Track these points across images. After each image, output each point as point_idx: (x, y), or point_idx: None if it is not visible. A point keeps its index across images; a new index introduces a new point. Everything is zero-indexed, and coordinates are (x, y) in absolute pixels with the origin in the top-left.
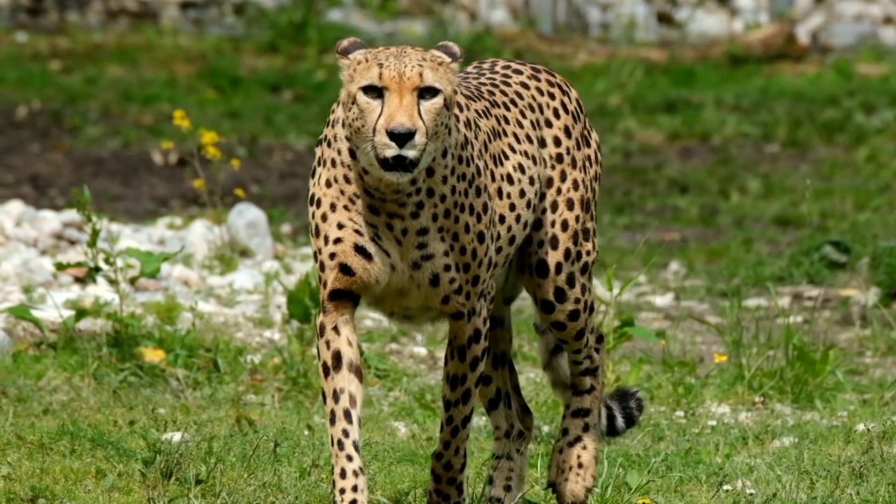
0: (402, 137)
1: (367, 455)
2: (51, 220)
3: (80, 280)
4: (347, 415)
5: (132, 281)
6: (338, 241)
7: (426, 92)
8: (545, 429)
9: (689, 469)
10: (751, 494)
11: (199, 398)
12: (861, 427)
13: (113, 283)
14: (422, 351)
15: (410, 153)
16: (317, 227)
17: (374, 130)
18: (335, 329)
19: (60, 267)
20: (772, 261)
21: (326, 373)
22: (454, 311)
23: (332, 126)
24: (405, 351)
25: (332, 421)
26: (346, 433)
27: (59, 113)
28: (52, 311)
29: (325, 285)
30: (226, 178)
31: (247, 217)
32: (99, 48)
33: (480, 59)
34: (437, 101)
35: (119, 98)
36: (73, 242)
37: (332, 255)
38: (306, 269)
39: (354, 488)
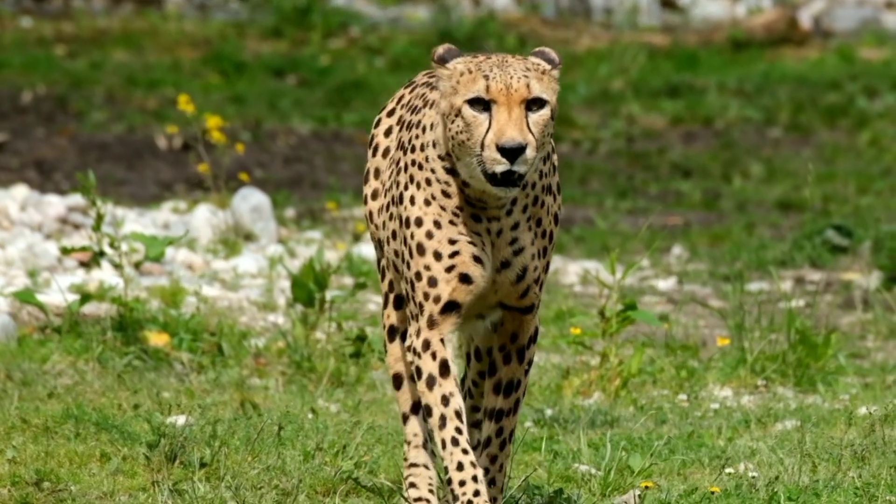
0: (513, 153)
1: (370, 438)
2: (56, 204)
3: (84, 264)
4: (458, 415)
5: (137, 265)
6: (454, 254)
7: (533, 104)
8: (548, 412)
9: (691, 452)
10: (753, 477)
11: (204, 382)
12: (863, 410)
13: (117, 267)
14: None
15: (521, 168)
16: (420, 245)
17: (483, 145)
18: (442, 342)
19: (65, 251)
20: (774, 245)
21: (432, 383)
22: (528, 305)
23: (422, 150)
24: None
25: (443, 424)
26: (458, 430)
27: (64, 98)
28: (57, 295)
29: (437, 300)
30: (230, 162)
31: (251, 201)
32: (104, 33)
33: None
34: (545, 112)
35: (124, 83)
36: (77, 227)
37: (450, 269)
38: (310, 252)
39: (475, 478)
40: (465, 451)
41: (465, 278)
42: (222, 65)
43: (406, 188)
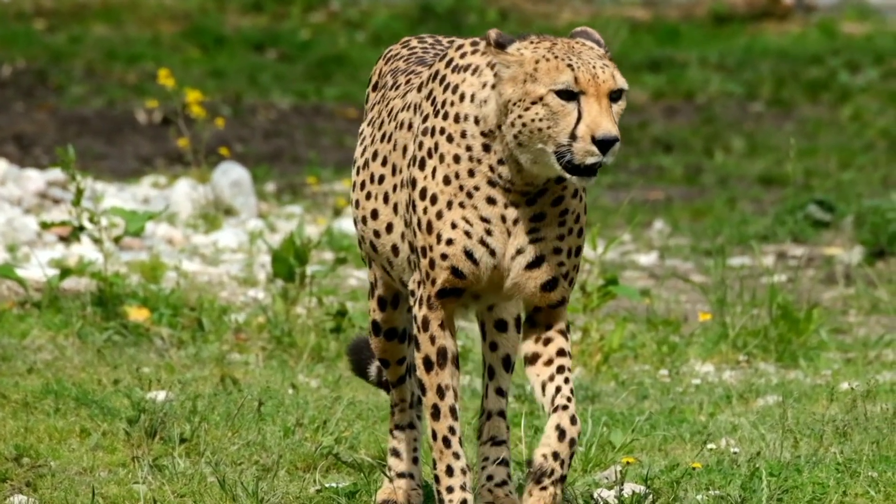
0: (608, 145)
1: (351, 414)
2: (35, 178)
3: (64, 239)
4: (453, 411)
5: (116, 240)
6: (450, 242)
7: (616, 94)
8: (529, 387)
9: (673, 428)
10: (735, 453)
11: (184, 357)
12: (845, 386)
13: (97, 241)
14: None
15: (609, 160)
16: (429, 224)
17: (574, 136)
18: (441, 325)
19: (45, 226)
20: (756, 219)
21: (429, 367)
22: (557, 300)
23: (457, 121)
24: None
25: (437, 416)
26: (452, 430)
27: (44, 72)
28: (37, 269)
29: (433, 282)
30: (210, 136)
31: (231, 176)
32: (83, 7)
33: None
34: (623, 103)
35: (103, 57)
36: (57, 201)
37: (444, 256)
38: (290, 227)
39: (463, 486)
40: (456, 455)
41: (455, 271)
42: (202, 39)
43: (430, 155)
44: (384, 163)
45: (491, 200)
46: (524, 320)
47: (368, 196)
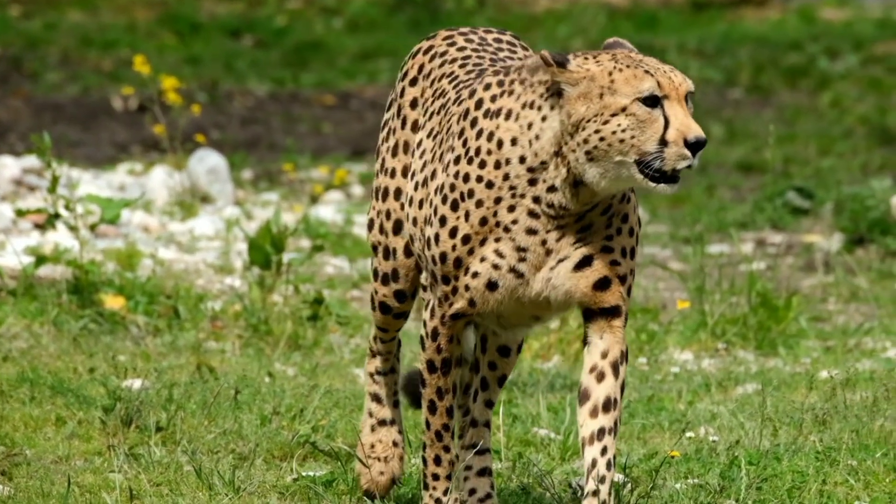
0: (699, 147)
1: (328, 402)
2: (10, 166)
3: (39, 226)
4: (449, 412)
5: (92, 227)
6: (476, 274)
7: (689, 98)
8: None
9: (651, 416)
10: (714, 441)
11: (160, 345)
12: (824, 374)
13: (73, 229)
14: None
15: (696, 163)
16: (458, 259)
17: (664, 142)
18: (450, 340)
19: (20, 213)
20: (735, 206)
21: (433, 370)
22: (614, 304)
23: (497, 167)
24: (366, 297)
25: (433, 411)
26: (446, 427)
27: (19, 58)
28: (12, 257)
29: (450, 305)
30: (186, 123)
31: (207, 163)
32: None
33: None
34: (692, 106)
35: (79, 43)
36: (32, 189)
37: (468, 288)
38: (267, 215)
39: (448, 476)
40: (446, 449)
41: (471, 302)
42: (178, 25)
43: (462, 199)
44: None
45: (531, 231)
46: (586, 335)
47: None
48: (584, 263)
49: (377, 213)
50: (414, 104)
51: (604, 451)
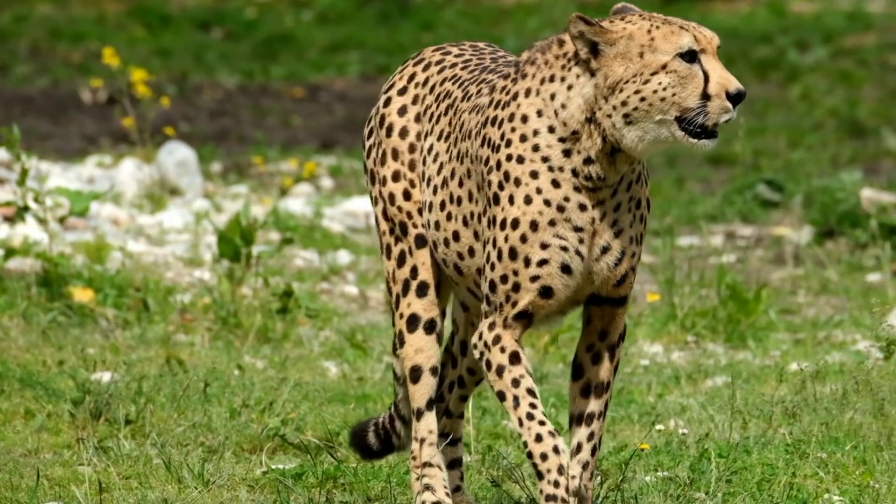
0: (740, 99)
1: (297, 395)
2: None
3: (9, 219)
4: (531, 392)
5: (61, 220)
6: (542, 262)
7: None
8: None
9: (621, 409)
10: (683, 434)
11: (129, 338)
12: (794, 366)
13: (42, 222)
14: (353, 290)
15: (735, 115)
16: (512, 249)
17: (706, 95)
18: (513, 339)
19: None
20: (704, 199)
21: (501, 371)
22: (624, 295)
23: (523, 140)
24: (336, 290)
25: (516, 404)
26: (533, 405)
27: None
28: None
29: (514, 304)
30: (155, 116)
31: (177, 156)
32: None
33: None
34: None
35: (48, 36)
36: (1, 181)
37: (535, 278)
38: (236, 207)
39: (556, 449)
40: (542, 423)
41: (546, 291)
42: (148, 18)
43: (501, 188)
44: (461, 184)
45: (582, 207)
46: (588, 312)
47: (449, 217)
48: (620, 260)
49: (388, 230)
50: (402, 111)
51: (590, 436)
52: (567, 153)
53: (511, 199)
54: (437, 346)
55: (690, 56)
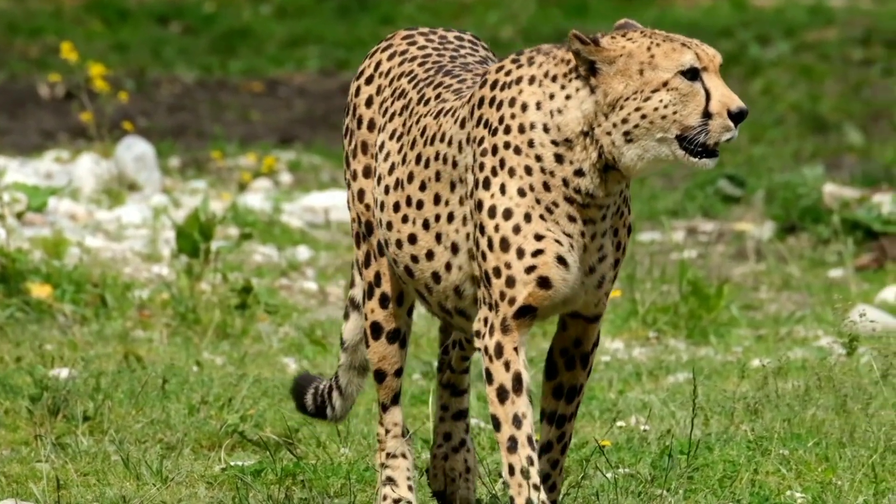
0: (741, 118)
1: (256, 391)
2: None
3: None
4: (530, 441)
5: (19, 216)
6: (537, 252)
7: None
8: (436, 364)
9: (582, 405)
10: (645, 431)
11: (87, 334)
12: (756, 362)
13: None
14: (312, 286)
15: (736, 134)
16: (504, 240)
17: (708, 114)
18: (516, 350)
19: None
20: (666, 195)
21: (504, 397)
22: (598, 314)
23: (521, 131)
24: (295, 286)
25: (514, 448)
26: (531, 461)
27: None
28: None
29: (511, 301)
30: (113, 111)
31: (135, 151)
32: None
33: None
34: None
35: (5, 30)
36: None
37: (530, 269)
38: (195, 202)
39: None
40: (536, 487)
41: (543, 282)
42: (105, 12)
43: (495, 173)
44: (423, 188)
45: (571, 218)
46: (563, 322)
47: (405, 220)
48: (602, 283)
49: (357, 222)
50: (369, 102)
51: (561, 437)
52: (559, 159)
53: (503, 189)
54: (400, 351)
55: (692, 74)
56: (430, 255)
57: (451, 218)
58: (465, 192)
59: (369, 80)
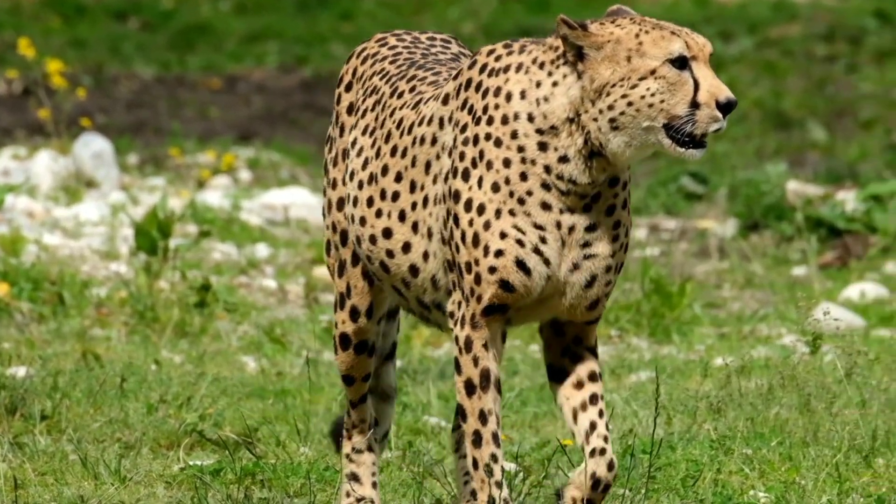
0: (730, 109)
1: (215, 390)
2: None
3: None
4: (496, 438)
5: None
6: (499, 253)
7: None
8: (397, 363)
9: (543, 404)
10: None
11: (45, 332)
12: (719, 361)
13: None
14: (271, 284)
15: (725, 126)
16: (475, 236)
17: (695, 104)
18: (485, 346)
19: None
20: None
21: (471, 391)
22: (595, 318)
23: (505, 122)
24: (254, 284)
25: (478, 443)
26: (494, 458)
27: None
28: None
29: (479, 299)
30: (71, 107)
31: (93, 147)
32: None
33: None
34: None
35: None
36: None
37: (492, 270)
38: (153, 200)
39: None
40: (499, 485)
41: (504, 285)
42: (63, 8)
43: (474, 165)
44: (398, 178)
45: (545, 206)
46: (544, 325)
47: (379, 214)
48: (590, 283)
49: (332, 230)
50: (350, 110)
51: (601, 413)
52: (543, 147)
53: (480, 182)
54: (368, 360)
55: (681, 62)
56: (406, 248)
57: (426, 202)
58: (440, 171)
59: (349, 87)
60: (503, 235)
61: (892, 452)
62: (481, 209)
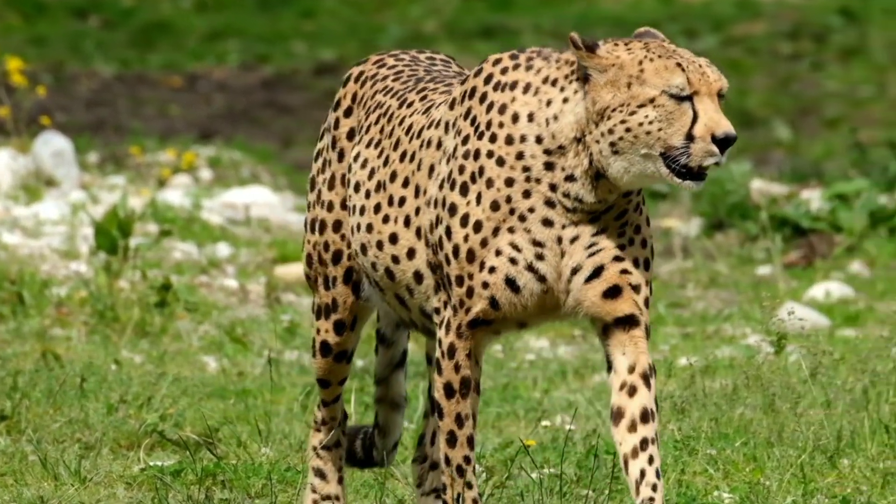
0: (728, 144)
1: (176, 390)
2: None
3: None
4: (470, 441)
5: None
6: (493, 270)
7: (721, 96)
8: (360, 363)
9: (506, 404)
10: (570, 430)
11: (4, 332)
12: (683, 361)
13: None
14: (232, 283)
15: (723, 161)
16: (470, 251)
17: (691, 137)
18: (468, 355)
19: None
20: None
21: (451, 394)
22: (629, 313)
23: (510, 143)
24: (215, 283)
25: (452, 444)
26: (467, 460)
27: None
28: None
29: (467, 311)
30: (31, 105)
31: (53, 146)
32: None
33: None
34: (722, 104)
35: None
36: None
37: (486, 285)
38: (114, 199)
39: None
40: (469, 486)
41: (493, 302)
42: (23, 5)
43: (473, 180)
44: (405, 184)
45: (547, 222)
46: (608, 355)
47: (386, 219)
48: (594, 275)
49: (313, 246)
50: (351, 135)
51: (650, 460)
52: (550, 166)
53: (479, 199)
54: (347, 367)
55: (682, 95)
56: (411, 254)
57: (428, 205)
58: (437, 176)
59: (348, 113)
60: (498, 253)
61: (857, 453)
62: (478, 226)
